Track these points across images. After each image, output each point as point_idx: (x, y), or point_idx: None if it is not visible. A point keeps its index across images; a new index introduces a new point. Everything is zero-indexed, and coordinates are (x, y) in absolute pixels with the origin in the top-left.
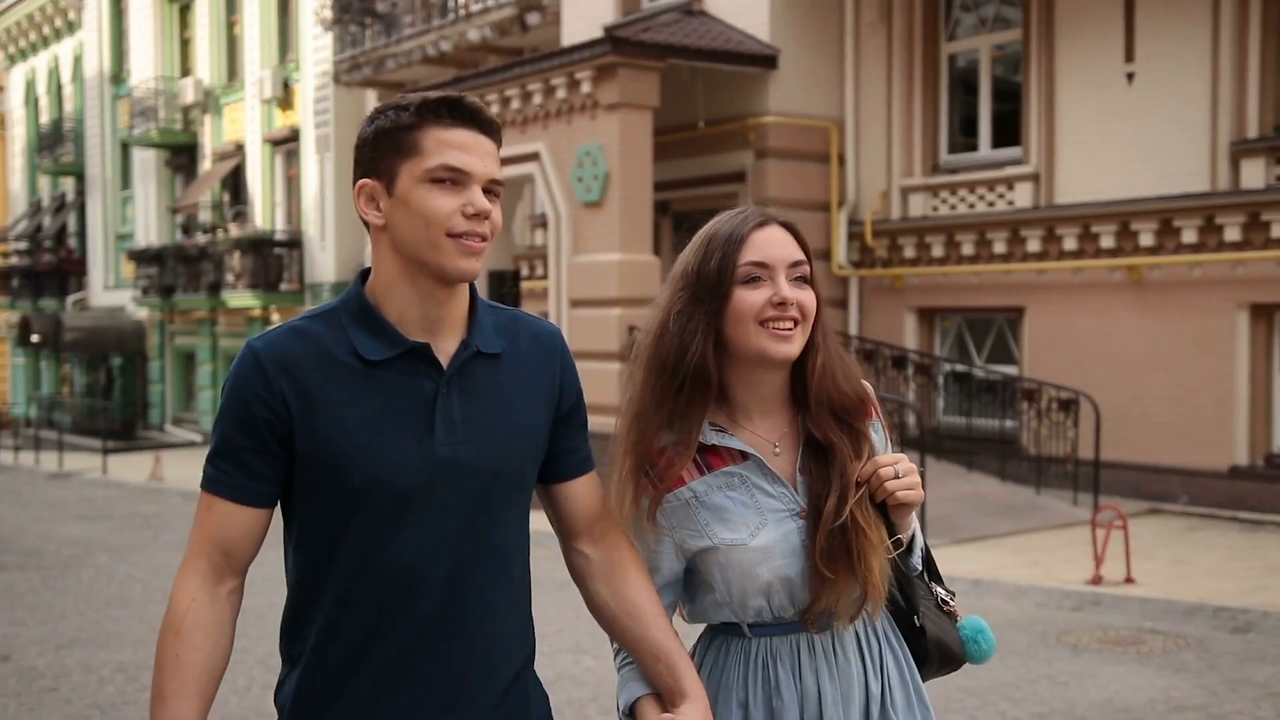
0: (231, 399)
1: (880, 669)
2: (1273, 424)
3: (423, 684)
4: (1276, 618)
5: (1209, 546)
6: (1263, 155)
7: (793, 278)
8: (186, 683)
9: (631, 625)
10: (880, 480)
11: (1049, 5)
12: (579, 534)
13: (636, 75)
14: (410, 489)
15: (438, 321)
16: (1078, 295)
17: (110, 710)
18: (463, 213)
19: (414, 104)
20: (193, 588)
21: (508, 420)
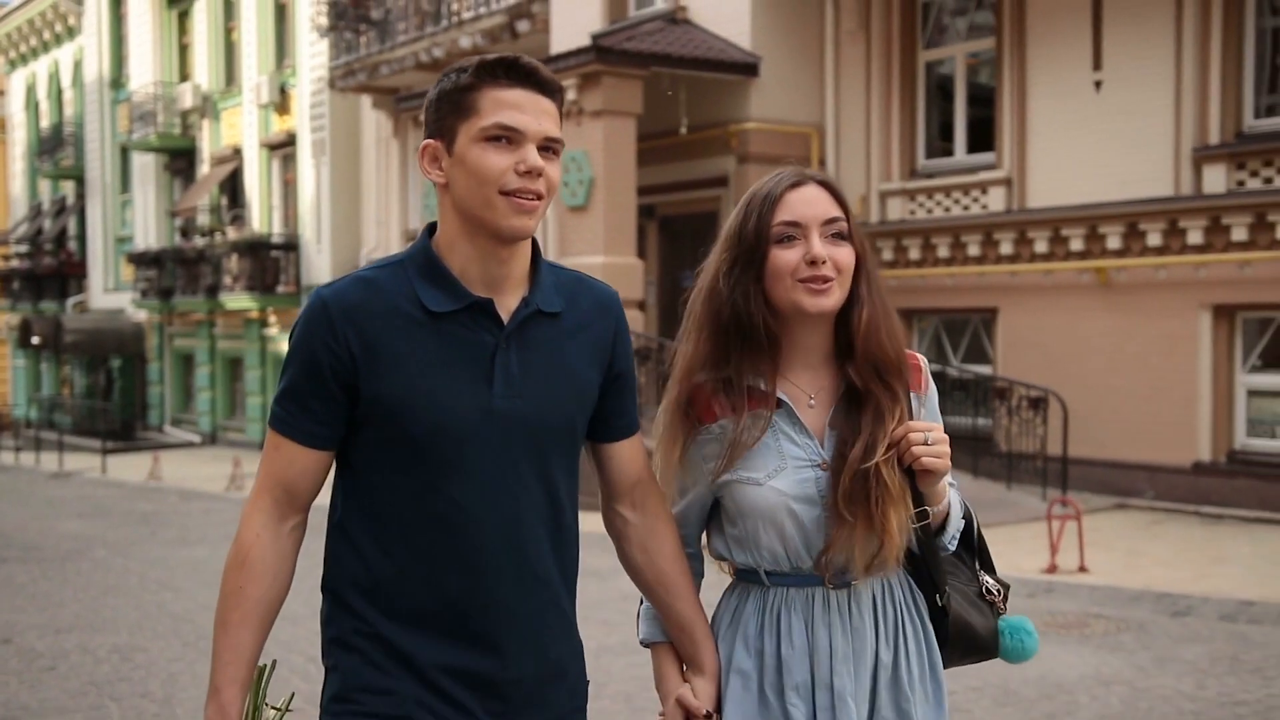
0: (299, 344)
1: (895, 638)
2: (1234, 421)
3: (474, 625)
4: (1215, 603)
5: (1166, 539)
6: (1223, 161)
7: (827, 235)
8: (248, 613)
9: (662, 594)
10: (909, 444)
11: (1021, 15)
12: (620, 496)
13: (620, 83)
14: (467, 437)
15: (500, 279)
16: (1049, 296)
17: (106, 686)
18: (515, 170)
19: (473, 65)
20: (258, 524)
21: (562, 377)
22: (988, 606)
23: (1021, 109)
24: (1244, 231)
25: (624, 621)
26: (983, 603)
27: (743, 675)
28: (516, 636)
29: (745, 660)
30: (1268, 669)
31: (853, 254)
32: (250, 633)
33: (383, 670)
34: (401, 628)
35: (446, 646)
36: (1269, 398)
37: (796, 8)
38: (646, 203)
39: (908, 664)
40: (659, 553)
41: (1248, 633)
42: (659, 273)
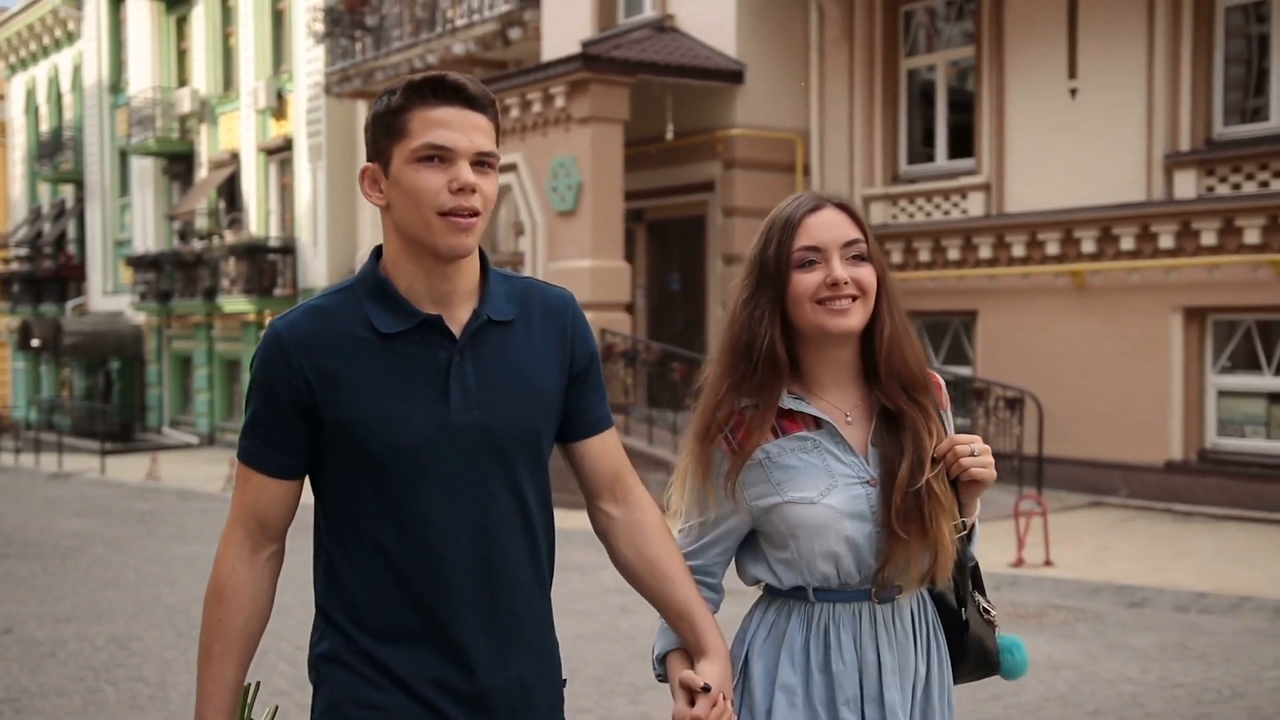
0: (258, 378)
1: (928, 651)
2: (1205, 421)
3: (454, 637)
4: (1170, 594)
5: (1134, 535)
6: (1193, 167)
7: (848, 257)
8: (230, 645)
9: (655, 584)
10: (957, 456)
11: (999, 24)
12: (600, 493)
13: (607, 90)
14: (429, 454)
15: (448, 294)
16: (1026, 300)
17: (103, 672)
18: (449, 188)
19: (402, 86)
20: (232, 556)
21: (521, 384)
22: (987, 625)
23: (1000, 116)
24: (1213, 236)
25: (601, 612)
26: (983, 622)
27: (788, 691)
28: (495, 645)
29: (791, 676)
30: (1210, 655)
31: (874, 274)
32: (232, 665)
33: (373, 684)
34: (385, 644)
35: (430, 660)
36: (1238, 398)
37: (781, 16)
38: (635, 207)
39: (938, 677)
40: (647, 542)
41: (1198, 622)
42: (648, 276)
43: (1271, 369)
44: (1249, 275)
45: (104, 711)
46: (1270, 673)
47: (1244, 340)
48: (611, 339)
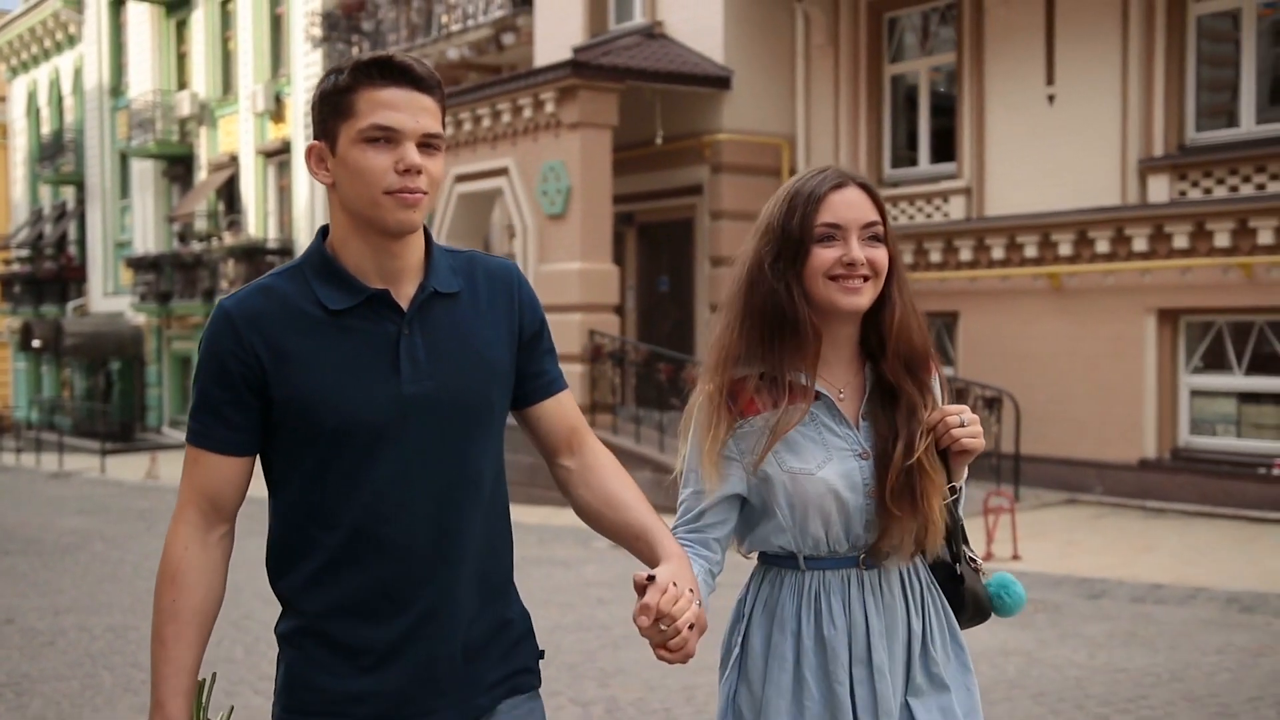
0: (207, 356)
1: (921, 609)
2: (1178, 420)
3: (409, 605)
4: (1129, 586)
5: (1104, 531)
6: (1166, 172)
7: (865, 237)
8: (183, 627)
9: (610, 513)
10: (947, 427)
11: (979, 31)
12: (558, 449)
13: (596, 96)
14: (381, 426)
15: (395, 271)
16: (1005, 301)
17: (100, 658)
18: (395, 169)
19: (349, 66)
20: (184, 537)
21: (470, 354)
22: (974, 573)
23: (980, 121)
24: (1185, 239)
25: (581, 604)
26: (972, 571)
27: (781, 659)
28: (450, 612)
29: (784, 644)
30: (1157, 642)
31: (888, 255)
32: (188, 646)
33: (321, 666)
34: (339, 618)
35: (383, 630)
36: (1210, 397)
37: (768, 23)
38: (626, 210)
39: (932, 632)
40: (602, 480)
41: (1152, 612)
42: (638, 278)
43: (1241, 369)
44: (1220, 277)
45: (100, 694)
46: (1210, 658)
47: (1215, 341)
48: (600, 340)
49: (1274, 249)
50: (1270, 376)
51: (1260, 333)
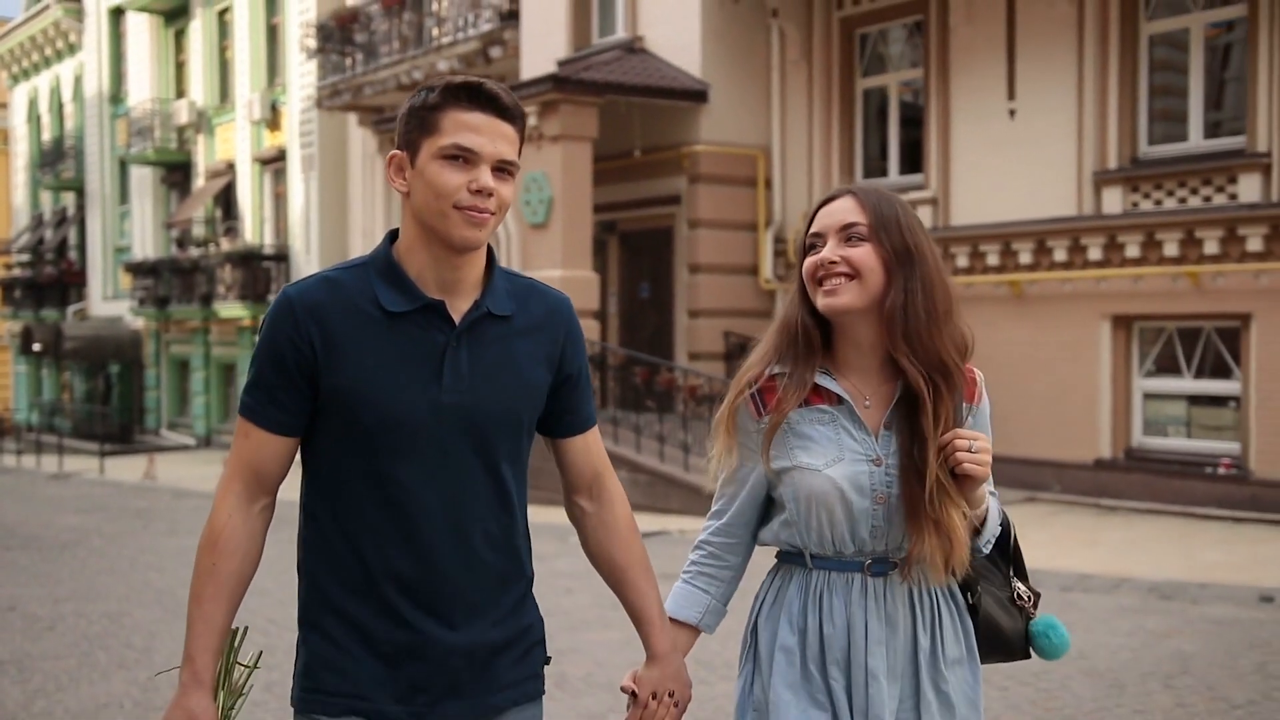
0: (266, 338)
1: (932, 625)
2: (1132, 421)
3: (431, 602)
4: (1060, 576)
5: (1054, 527)
6: (1119, 184)
7: (843, 238)
8: (220, 589)
9: (613, 582)
10: (954, 449)
11: (945, 48)
12: (578, 488)
13: (577, 110)
14: (416, 428)
15: (453, 283)
16: (969, 307)
17: (96, 640)
18: (469, 188)
19: (440, 85)
20: (229, 505)
21: (510, 374)
22: (1018, 611)
23: (946, 134)
24: (1137, 249)
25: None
26: (1013, 607)
27: (787, 651)
28: (463, 613)
29: (789, 637)
30: (1075, 626)
31: (873, 253)
32: (221, 606)
33: (341, 648)
34: (359, 602)
35: (398, 621)
36: (1162, 400)
37: (744, 39)
38: (608, 219)
39: (943, 649)
40: (613, 544)
41: (1078, 599)
42: (620, 285)
43: (1191, 372)
44: (1169, 285)
45: (95, 670)
46: (1118, 639)
47: (1166, 346)
48: None
49: (1219, 258)
50: (1217, 380)
51: (1208, 338)
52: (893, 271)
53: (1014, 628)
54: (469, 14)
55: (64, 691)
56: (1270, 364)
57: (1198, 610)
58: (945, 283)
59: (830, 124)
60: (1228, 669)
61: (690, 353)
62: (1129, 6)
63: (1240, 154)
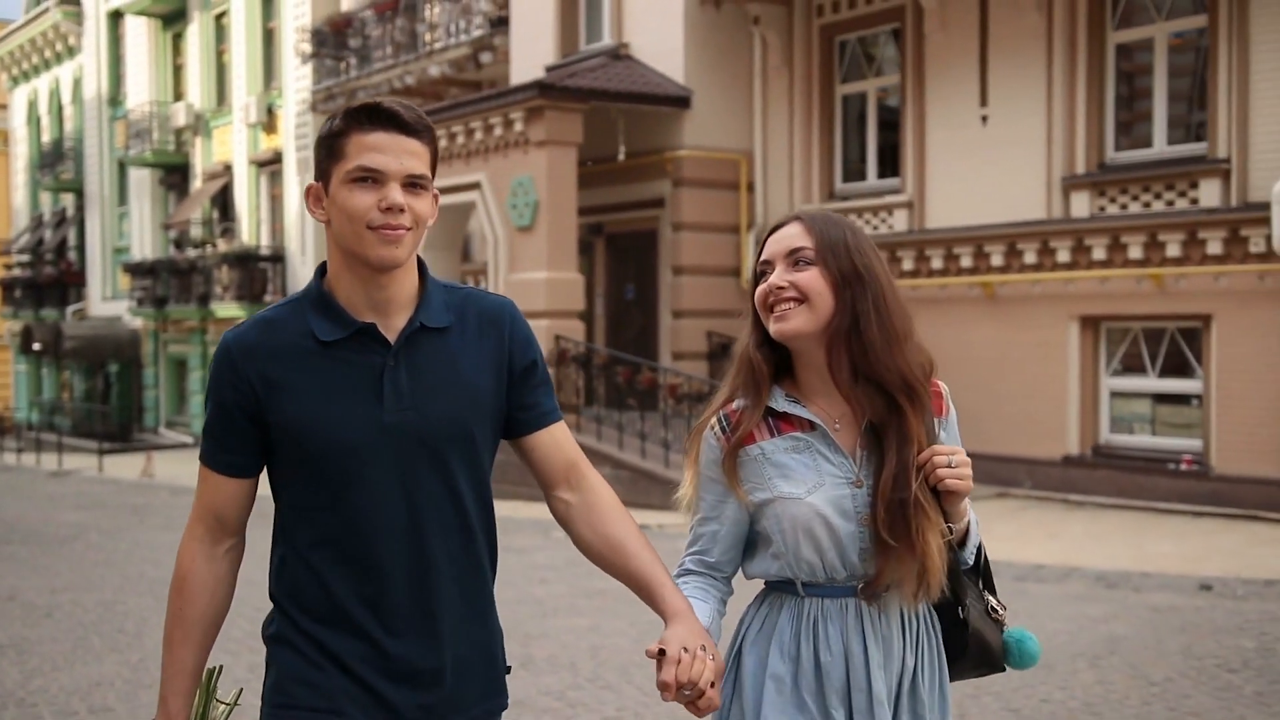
0: (211, 386)
1: (916, 646)
2: (1099, 419)
3: (396, 623)
4: (1016, 566)
5: (1022, 521)
6: (1087, 189)
7: (791, 263)
8: (189, 633)
9: (614, 559)
10: (934, 466)
11: (920, 55)
12: (555, 482)
13: (562, 116)
14: (364, 451)
15: (383, 303)
16: (944, 308)
17: (92, 626)
18: (379, 207)
19: (343, 111)
20: (192, 550)
21: (454, 386)
22: (994, 624)
23: (921, 139)
24: (1103, 251)
25: (523, 582)
26: (989, 620)
27: (777, 680)
28: (427, 631)
29: (780, 665)
30: (1020, 612)
31: (819, 277)
32: (191, 650)
33: (313, 664)
34: (325, 628)
35: (364, 642)
36: (1128, 398)
37: (726, 45)
38: (595, 221)
39: (922, 671)
40: (605, 521)
41: (1029, 588)
42: (606, 286)
43: (1155, 372)
44: (1134, 287)
45: (90, 652)
46: (1058, 624)
47: (1132, 345)
48: (565, 344)
49: (1181, 260)
50: (1180, 379)
51: (1171, 338)
52: (841, 294)
53: (996, 640)
54: (460, 20)
55: (59, 671)
56: (1230, 363)
57: (1139, 598)
58: (900, 303)
59: (811, 129)
60: (1154, 650)
61: (674, 352)
62: (1096, 17)
63: (1201, 160)
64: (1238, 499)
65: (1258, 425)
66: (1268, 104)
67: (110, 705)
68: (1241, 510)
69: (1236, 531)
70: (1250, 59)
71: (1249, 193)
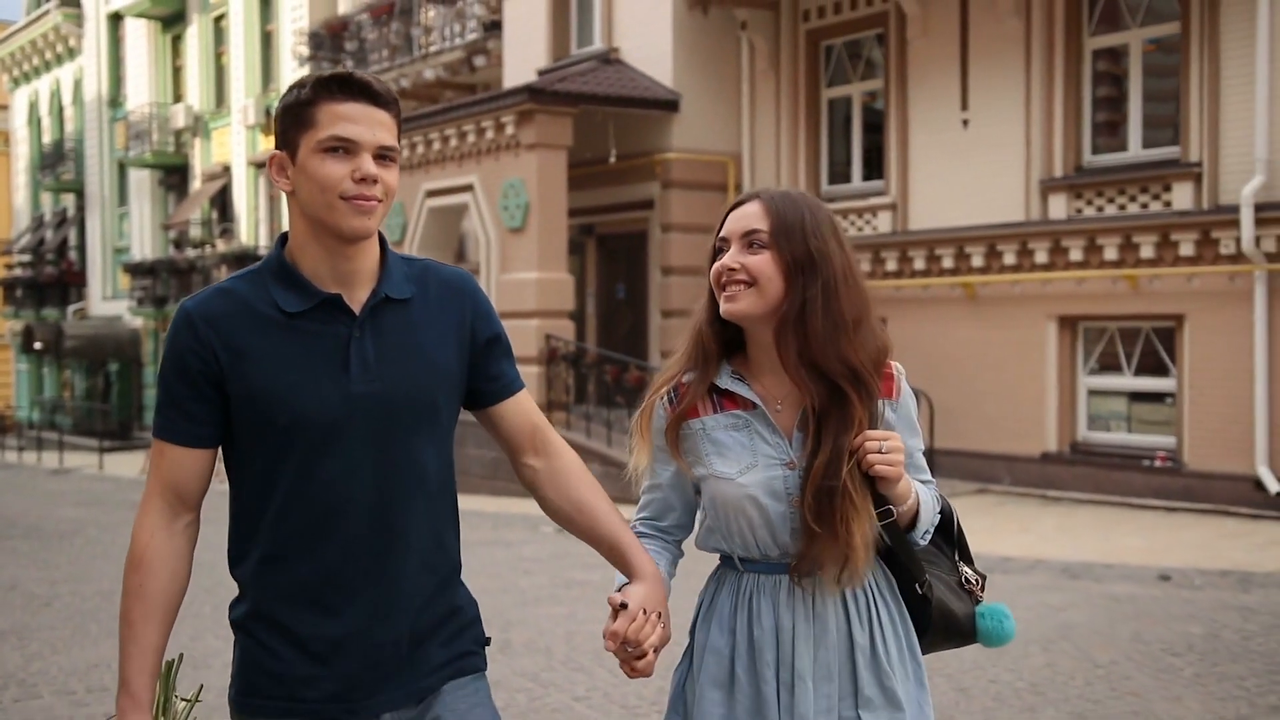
0: (169, 354)
1: (869, 621)
2: (1077, 416)
3: (357, 595)
4: (983, 558)
5: (998, 516)
6: (1064, 191)
7: (745, 245)
8: (149, 609)
9: (581, 520)
10: (865, 451)
11: (903, 60)
12: (522, 449)
13: (552, 120)
14: (331, 423)
15: (348, 274)
16: (926, 308)
17: (90, 614)
18: (352, 178)
19: (311, 80)
20: (151, 524)
21: (418, 357)
22: (966, 595)
23: (904, 142)
24: (1080, 253)
25: (509, 574)
26: (962, 591)
27: (717, 653)
28: (396, 603)
29: (719, 639)
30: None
31: (771, 261)
32: (154, 627)
33: (270, 651)
34: (289, 606)
35: (331, 620)
36: (1105, 396)
37: (715, 50)
38: (587, 222)
39: (884, 645)
40: (570, 486)
41: (994, 580)
42: (597, 285)
43: (1131, 370)
44: (1110, 288)
45: (87, 638)
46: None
47: (1108, 345)
48: (555, 343)
49: (1155, 262)
50: (1155, 377)
51: (1146, 337)
52: (792, 279)
53: (966, 612)
54: (454, 24)
55: (58, 655)
56: (1202, 362)
57: (1099, 588)
58: (856, 289)
59: (797, 132)
60: (1104, 636)
61: (663, 351)
62: (1073, 23)
63: (1175, 163)
64: (1209, 494)
65: (1228, 422)
66: (1237, 110)
67: (106, 685)
68: (1213, 505)
69: (1204, 526)
70: (1221, 66)
71: (1220, 196)
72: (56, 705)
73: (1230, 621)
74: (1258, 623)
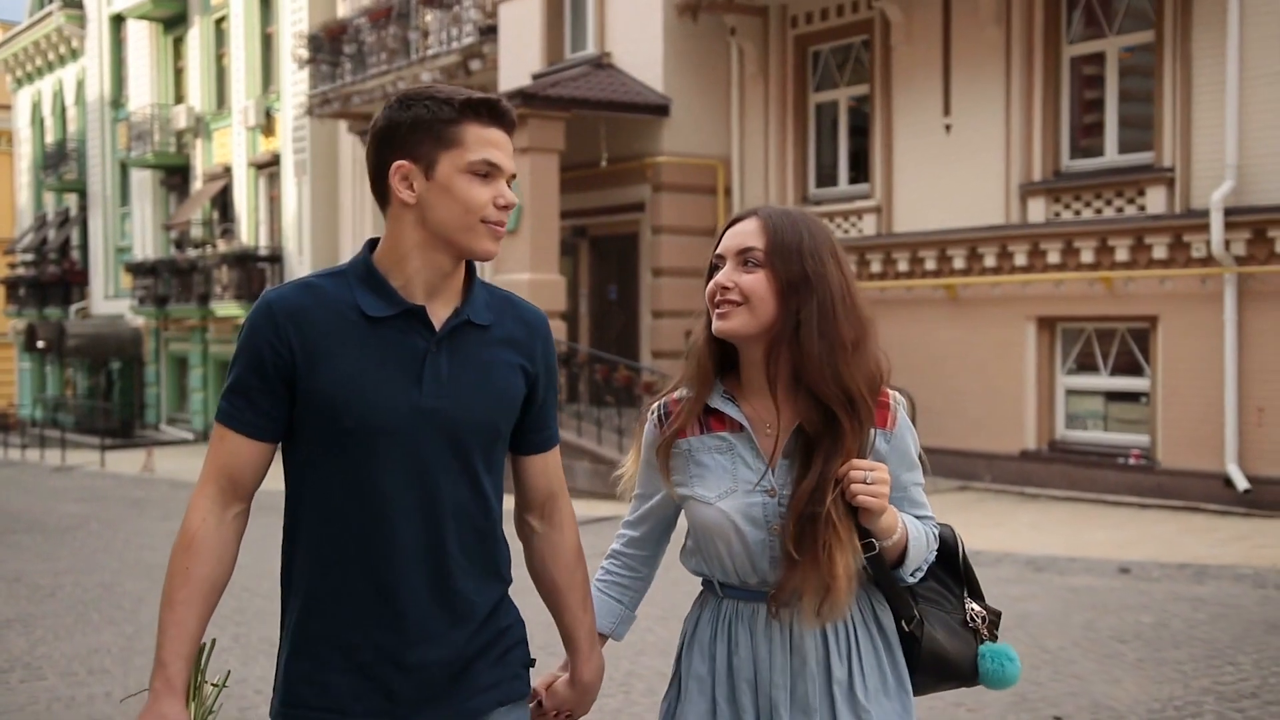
0: (246, 343)
1: (848, 655)
2: (1055, 415)
3: (404, 612)
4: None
5: (975, 512)
6: (1043, 195)
7: (740, 263)
8: (193, 593)
9: (552, 602)
10: (850, 481)
11: (888, 65)
12: (531, 507)
13: (544, 124)
14: (394, 432)
15: (438, 290)
16: (909, 309)
17: (92, 604)
18: (494, 203)
19: (457, 100)
20: (204, 509)
21: (488, 383)
22: (970, 634)
23: (889, 146)
24: (1058, 255)
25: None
26: (965, 630)
27: (698, 680)
28: (440, 620)
29: (700, 665)
30: None
31: (765, 280)
32: (195, 611)
33: (318, 661)
34: (336, 614)
35: (374, 629)
36: (1082, 396)
37: (704, 55)
38: (579, 224)
39: (863, 680)
40: (556, 563)
41: None
42: (590, 287)
43: (1107, 370)
44: (1087, 289)
45: (89, 626)
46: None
47: (1085, 345)
48: None
49: (1130, 264)
50: (1130, 377)
51: (1122, 338)
52: (786, 300)
53: (964, 653)
54: (451, 28)
55: (61, 641)
56: (1174, 363)
57: (1061, 580)
58: (854, 311)
59: (785, 136)
60: (1058, 624)
61: (654, 351)
62: (1052, 30)
63: (1149, 169)
64: (1181, 491)
65: (1199, 421)
66: (1208, 116)
67: (107, 668)
68: (1184, 502)
69: (1173, 521)
70: (1193, 73)
71: (1191, 200)
72: (59, 686)
73: (1180, 611)
74: (1206, 612)
